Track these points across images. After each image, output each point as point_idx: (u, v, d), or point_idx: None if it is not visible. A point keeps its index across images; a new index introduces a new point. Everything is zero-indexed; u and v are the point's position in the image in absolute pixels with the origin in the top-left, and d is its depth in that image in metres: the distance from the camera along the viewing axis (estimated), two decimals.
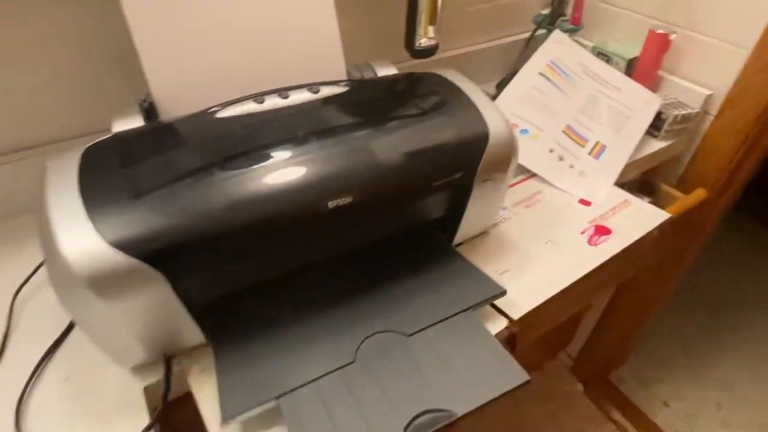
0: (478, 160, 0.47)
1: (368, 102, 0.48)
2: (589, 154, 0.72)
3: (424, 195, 0.46)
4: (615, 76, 0.79)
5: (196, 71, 0.47)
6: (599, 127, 0.75)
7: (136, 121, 0.46)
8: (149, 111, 0.47)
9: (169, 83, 0.47)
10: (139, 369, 0.46)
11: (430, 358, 0.42)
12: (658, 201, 0.89)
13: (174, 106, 0.47)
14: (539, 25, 0.87)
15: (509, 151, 0.49)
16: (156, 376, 0.45)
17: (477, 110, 0.49)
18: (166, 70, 0.46)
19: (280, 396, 0.39)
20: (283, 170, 0.40)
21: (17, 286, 0.52)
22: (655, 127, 0.79)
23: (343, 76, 0.54)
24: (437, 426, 0.37)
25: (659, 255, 0.88)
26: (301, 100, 0.46)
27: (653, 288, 1.10)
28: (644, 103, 0.77)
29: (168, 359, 0.46)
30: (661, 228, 0.66)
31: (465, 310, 0.47)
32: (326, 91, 0.47)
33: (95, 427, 0.42)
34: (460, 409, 0.38)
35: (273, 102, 0.45)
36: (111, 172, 0.39)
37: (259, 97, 0.45)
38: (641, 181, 0.88)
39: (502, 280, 0.54)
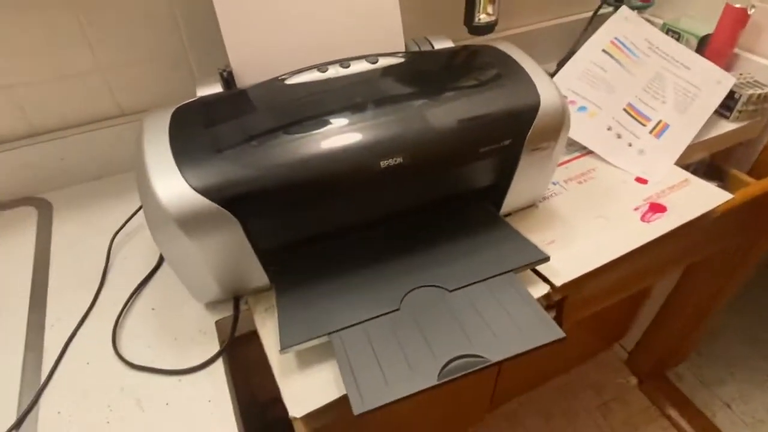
0: (527, 128, 0.49)
1: (422, 72, 0.51)
2: (650, 132, 0.71)
3: (472, 160, 0.49)
4: (684, 53, 0.76)
5: (268, 44, 0.53)
6: (663, 106, 0.73)
7: (216, 88, 0.52)
8: (228, 80, 0.53)
9: (245, 55, 0.52)
10: (212, 305, 0.52)
11: (470, 312, 0.45)
12: (728, 186, 0.85)
13: (249, 74, 0.52)
14: (605, 2, 0.85)
15: (560, 121, 0.50)
16: (226, 313, 0.51)
17: (530, 80, 0.51)
18: (244, 44, 0.52)
19: (331, 333, 0.44)
20: (340, 132, 0.44)
21: (114, 231, 0.60)
22: (727, 108, 0.76)
23: (402, 48, 0.57)
24: (472, 369, 0.40)
25: (724, 243, 0.84)
26: (360, 70, 0.50)
27: (718, 281, 1.05)
28: (715, 83, 0.74)
29: (237, 299, 0.52)
30: (726, 212, 0.64)
31: (507, 272, 0.49)
32: (384, 62, 0.51)
33: (174, 350, 0.48)
34: (495, 356, 0.41)
35: (335, 71, 0.49)
36: (195, 130, 0.45)
37: (322, 67, 0.49)
38: (709, 164, 0.84)
39: (548, 250, 0.55)
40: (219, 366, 0.47)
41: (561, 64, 0.82)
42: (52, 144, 0.65)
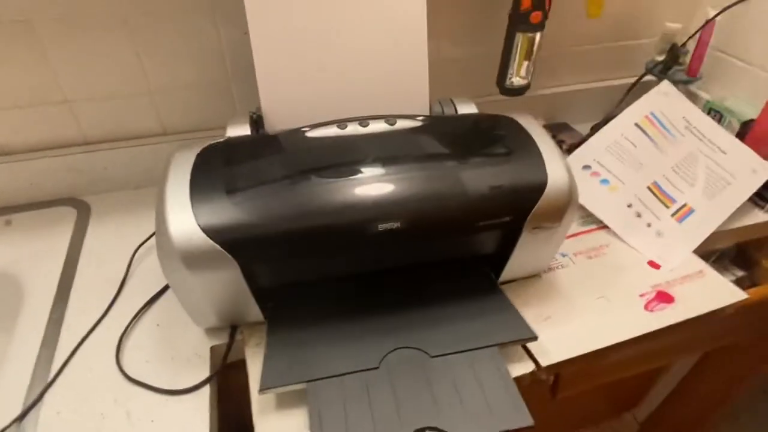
0: (530, 207, 0.49)
1: (436, 138, 0.53)
2: (673, 215, 0.69)
3: (471, 232, 0.50)
4: (723, 136, 0.74)
5: (298, 95, 0.56)
6: (691, 189, 0.71)
7: (245, 129, 0.55)
8: (257, 122, 0.57)
9: (275, 102, 0.56)
10: (210, 331, 0.56)
11: (446, 382, 0.46)
12: (755, 277, 0.81)
13: (277, 120, 0.56)
14: (649, 71, 0.84)
15: (565, 204, 0.51)
16: (222, 340, 0.54)
17: (540, 158, 0.51)
18: (275, 92, 0.55)
19: (309, 381, 0.46)
20: (344, 190, 0.46)
21: (139, 242, 0.65)
22: (762, 198, 0.73)
23: (426, 110, 0.59)
24: None
25: (742, 336, 0.80)
26: (377, 130, 0.52)
27: (741, 369, 1.00)
28: (751, 171, 0.72)
29: (233, 328, 0.55)
30: (742, 309, 0.62)
31: (491, 346, 0.49)
32: (401, 124, 0.53)
33: (169, 369, 0.52)
34: None
35: (353, 128, 0.52)
36: (215, 170, 0.49)
37: (342, 123, 0.52)
38: (738, 251, 0.81)
39: (541, 326, 0.56)
40: (206, 392, 0.50)
41: (595, 129, 0.82)
42: (99, 154, 0.71)
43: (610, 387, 1.16)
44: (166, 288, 0.60)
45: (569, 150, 0.77)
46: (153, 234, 0.65)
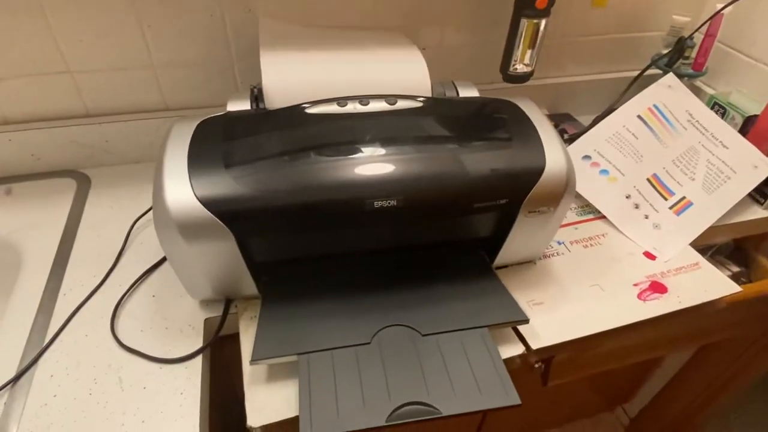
0: (526, 191, 0.49)
1: (436, 119, 0.53)
2: (671, 208, 0.69)
3: (467, 213, 0.50)
4: (725, 131, 0.74)
5: (300, 72, 0.56)
6: (690, 182, 0.71)
7: (245, 104, 0.55)
8: (257, 97, 0.57)
9: (276, 78, 0.55)
10: (205, 303, 0.56)
11: (436, 360, 0.47)
12: (752, 274, 0.81)
13: (277, 96, 0.56)
14: (654, 64, 0.84)
15: (562, 189, 0.51)
16: (216, 313, 0.55)
17: (539, 143, 0.51)
18: (277, 68, 0.55)
19: (300, 353, 0.46)
20: (342, 167, 0.46)
21: (137, 215, 0.65)
22: (762, 194, 0.73)
23: (427, 91, 0.59)
24: (422, 418, 0.42)
25: (738, 331, 0.81)
26: (377, 109, 0.52)
27: (735, 365, 1.00)
28: (752, 167, 0.71)
29: (228, 302, 0.55)
30: (737, 303, 0.62)
31: (482, 327, 0.50)
32: (402, 104, 0.53)
33: (163, 338, 0.52)
34: (446, 410, 0.42)
35: (353, 107, 0.52)
36: (214, 143, 0.49)
37: (342, 101, 0.52)
38: (735, 247, 0.81)
39: (534, 311, 0.56)
40: (198, 362, 0.51)
41: (597, 120, 0.81)
42: (101, 126, 0.71)
43: (602, 381, 1.16)
44: (162, 260, 0.61)
45: (570, 140, 0.76)
46: (151, 207, 0.66)
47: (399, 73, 0.57)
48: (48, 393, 0.47)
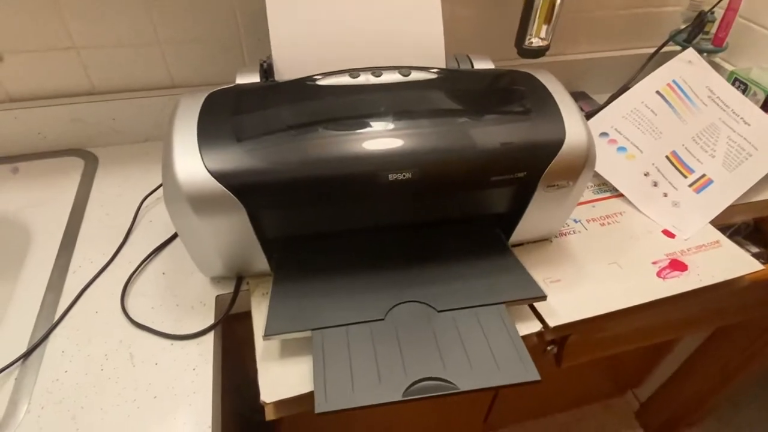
0: (545, 164, 0.48)
1: (451, 91, 0.51)
2: (690, 186, 0.67)
3: (483, 187, 0.49)
4: (747, 107, 0.72)
5: (310, 43, 0.54)
6: (711, 160, 0.69)
7: (254, 77, 0.54)
8: (267, 70, 0.55)
9: (286, 50, 0.54)
10: (216, 280, 0.55)
11: (452, 336, 0.46)
12: None
13: (287, 69, 0.54)
14: (672, 39, 0.81)
15: (582, 162, 0.49)
16: (228, 289, 0.54)
17: (559, 115, 0.50)
18: (287, 39, 0.54)
19: (314, 329, 0.45)
20: (355, 139, 0.45)
21: (146, 193, 0.64)
22: None
23: (441, 63, 0.57)
24: (438, 393, 0.41)
25: (757, 312, 0.79)
26: (390, 80, 0.50)
27: (750, 349, 0.99)
28: None
29: (239, 278, 0.55)
30: (758, 282, 0.61)
31: (499, 303, 0.48)
32: (416, 76, 0.51)
33: (174, 315, 0.52)
34: (464, 385, 0.41)
35: (366, 78, 0.50)
36: (224, 115, 0.48)
37: (354, 72, 0.51)
38: (754, 228, 0.79)
39: (550, 289, 0.55)
40: (210, 338, 0.50)
41: (612, 99, 0.79)
42: (107, 104, 0.70)
43: (613, 365, 1.15)
44: (172, 238, 0.60)
45: (587, 117, 0.74)
46: (161, 185, 0.65)
47: (412, 44, 0.55)
48: (59, 368, 0.47)
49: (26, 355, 0.48)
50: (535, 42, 0.70)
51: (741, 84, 0.78)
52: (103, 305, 0.53)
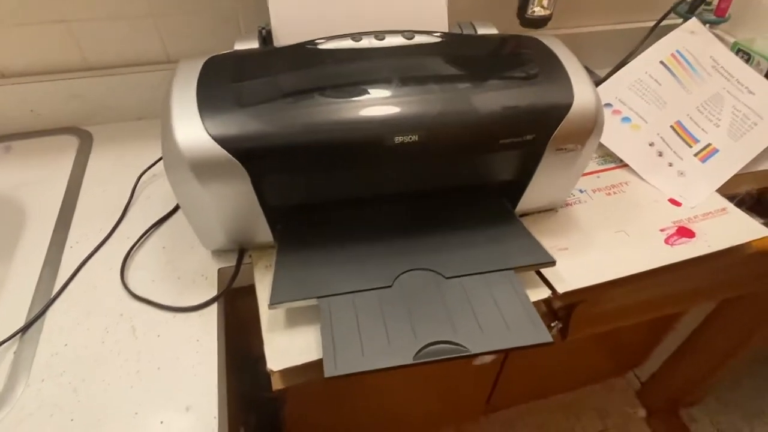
0: (554, 126, 0.47)
1: (456, 54, 0.50)
2: (696, 155, 0.67)
3: (492, 150, 0.47)
4: (751, 76, 0.71)
5: (309, 7, 0.53)
6: (716, 129, 0.68)
7: (253, 44, 0.52)
8: (266, 37, 0.54)
9: (285, 15, 0.52)
10: (218, 253, 0.54)
11: (461, 301, 0.45)
12: None
13: (286, 35, 0.53)
14: (674, 10, 0.80)
15: (591, 125, 0.48)
16: (231, 262, 0.53)
17: (567, 78, 0.49)
18: (285, 6, 0.52)
19: (320, 297, 0.44)
20: (360, 103, 0.44)
21: (142, 170, 0.63)
22: None
23: (445, 30, 0.56)
24: (450, 356, 0.40)
25: (762, 284, 0.79)
26: (394, 44, 0.49)
27: (751, 324, 0.99)
28: None
29: (242, 251, 0.53)
30: (764, 250, 0.60)
31: (508, 269, 0.48)
32: (419, 39, 0.50)
33: (175, 288, 0.51)
34: (475, 348, 0.40)
35: (369, 42, 0.49)
36: (223, 81, 0.46)
37: (357, 36, 0.49)
38: (758, 199, 0.79)
39: (558, 256, 0.54)
40: (213, 310, 0.49)
41: (615, 71, 0.78)
42: (101, 80, 0.68)
43: (613, 344, 1.15)
44: (171, 213, 0.58)
45: None
46: (158, 159, 0.64)
47: (416, 6, 0.54)
48: (58, 342, 0.46)
49: (24, 329, 0.46)
50: (538, 11, 0.69)
51: (744, 54, 0.77)
52: (102, 280, 0.51)
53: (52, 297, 0.49)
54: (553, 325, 0.64)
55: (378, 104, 0.44)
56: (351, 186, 0.51)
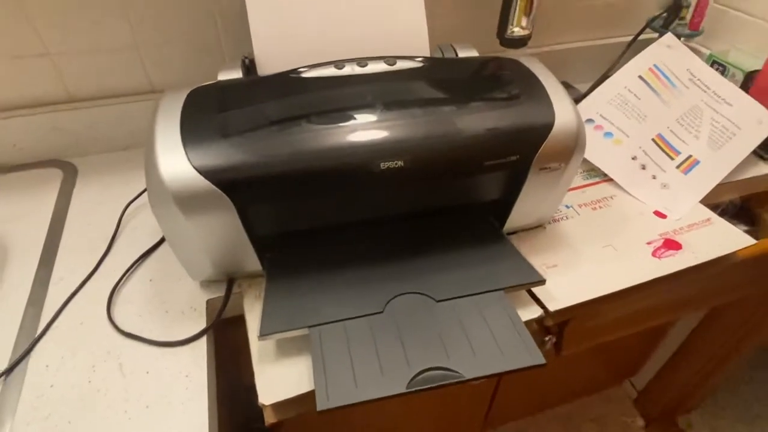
0: (537, 146, 0.47)
1: (438, 78, 0.51)
2: (678, 167, 0.68)
3: (477, 172, 0.48)
4: (727, 88, 0.73)
5: (292, 37, 0.53)
6: (696, 141, 0.70)
7: (236, 74, 0.53)
8: (249, 67, 0.54)
9: (268, 44, 0.53)
10: (207, 284, 0.53)
11: (453, 325, 0.44)
12: (759, 233, 0.80)
13: (270, 64, 0.53)
14: (650, 25, 0.82)
15: (573, 144, 0.49)
16: (219, 293, 0.52)
17: (547, 98, 0.49)
18: (268, 33, 0.53)
19: (311, 326, 0.44)
20: (345, 129, 0.44)
21: (128, 200, 0.62)
22: (767, 149, 0.72)
23: (426, 54, 0.57)
24: (443, 382, 0.40)
25: (750, 290, 0.80)
26: (376, 70, 0.50)
27: (743, 329, 0.99)
28: (757, 122, 0.70)
29: (230, 281, 0.53)
30: (750, 258, 0.61)
31: (498, 290, 0.48)
32: (401, 65, 0.51)
33: (163, 322, 0.50)
34: (469, 373, 0.40)
35: (351, 69, 0.50)
36: (207, 112, 0.46)
37: (339, 63, 0.50)
38: (740, 207, 0.80)
39: (548, 274, 0.54)
40: (202, 343, 0.48)
41: (594, 87, 0.80)
42: (85, 111, 0.68)
43: (609, 355, 1.16)
44: (158, 244, 0.58)
45: None
46: (144, 191, 0.63)
47: (396, 33, 0.55)
48: (44, 383, 0.44)
49: (8, 372, 0.45)
50: (517, 31, 0.71)
51: (719, 66, 0.79)
52: (88, 316, 0.50)
53: (36, 336, 0.48)
54: (546, 339, 0.63)
55: (363, 131, 0.44)
56: (338, 212, 0.51)
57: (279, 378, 0.44)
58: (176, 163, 0.42)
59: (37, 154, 0.69)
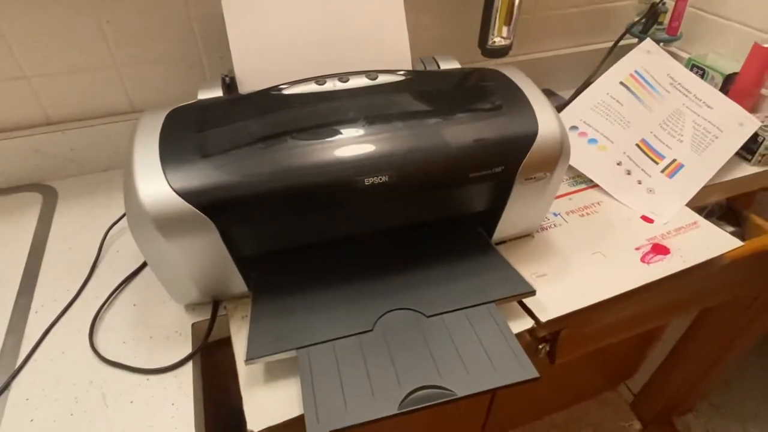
0: (521, 157, 0.47)
1: (420, 92, 0.51)
2: (662, 171, 0.68)
3: (462, 184, 0.48)
4: (707, 91, 0.74)
5: (272, 54, 0.53)
6: (679, 145, 0.70)
7: (217, 92, 0.52)
8: (230, 85, 0.54)
9: (248, 62, 0.53)
10: (192, 307, 0.52)
11: (444, 341, 0.44)
12: (745, 233, 0.81)
13: (250, 82, 0.53)
14: (629, 32, 0.83)
15: (557, 153, 0.49)
16: (205, 316, 0.51)
17: (530, 108, 0.49)
18: (248, 51, 0.52)
19: (299, 348, 0.43)
20: (327, 146, 0.43)
21: (110, 223, 0.61)
22: (749, 150, 0.73)
23: (408, 67, 0.57)
24: (436, 401, 0.39)
25: (739, 290, 0.80)
26: (358, 85, 0.49)
27: (734, 329, 1.00)
28: (738, 124, 0.71)
29: (216, 303, 0.52)
30: (738, 259, 0.61)
31: (488, 303, 0.47)
32: (383, 79, 0.50)
33: (147, 348, 0.48)
34: (461, 391, 0.39)
35: (333, 84, 0.49)
36: (187, 132, 0.45)
37: (321, 79, 0.49)
38: (726, 208, 0.81)
39: (538, 283, 0.54)
40: (188, 369, 0.47)
41: (577, 93, 0.80)
42: (64, 134, 0.67)
43: (603, 359, 1.15)
44: (141, 267, 0.57)
45: None
46: (125, 214, 0.62)
47: (377, 47, 0.55)
48: (24, 418, 0.43)
49: None
50: (498, 41, 0.71)
51: (699, 69, 0.80)
52: (70, 345, 0.49)
53: (16, 368, 0.47)
54: (540, 347, 0.63)
55: (345, 147, 0.44)
56: (323, 229, 0.50)
57: (268, 402, 0.43)
58: (155, 185, 0.41)
59: (15, 178, 0.68)
